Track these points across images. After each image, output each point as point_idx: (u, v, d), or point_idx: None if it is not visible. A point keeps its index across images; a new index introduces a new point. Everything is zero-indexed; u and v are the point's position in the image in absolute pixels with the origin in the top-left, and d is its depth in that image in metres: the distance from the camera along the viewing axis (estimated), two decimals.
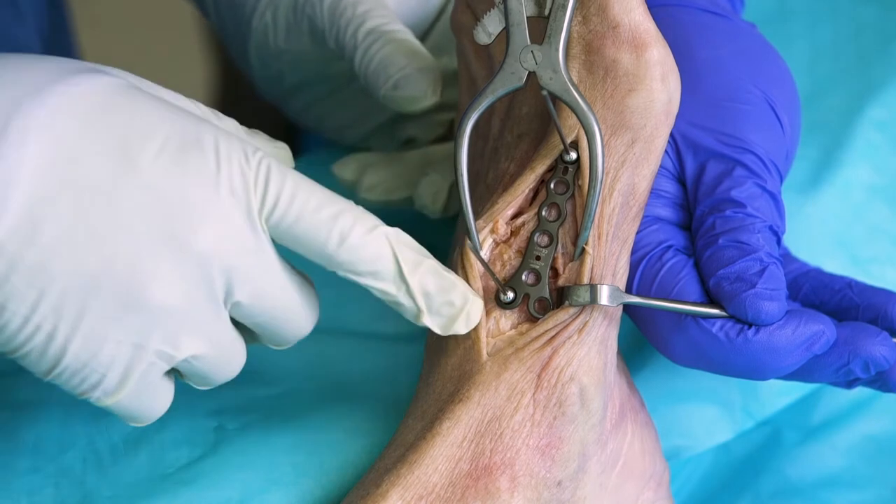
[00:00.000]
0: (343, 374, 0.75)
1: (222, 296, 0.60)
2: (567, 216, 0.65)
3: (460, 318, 0.63)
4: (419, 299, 0.62)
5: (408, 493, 0.64)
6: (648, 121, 0.64)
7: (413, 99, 0.76)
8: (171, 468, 0.70)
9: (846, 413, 0.79)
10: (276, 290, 0.61)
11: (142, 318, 0.59)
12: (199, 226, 0.58)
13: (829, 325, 0.65)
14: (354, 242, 0.60)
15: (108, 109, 0.58)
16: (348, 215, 0.60)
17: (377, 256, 0.61)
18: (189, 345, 0.60)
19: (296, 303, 0.62)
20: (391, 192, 0.79)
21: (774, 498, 0.78)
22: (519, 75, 0.64)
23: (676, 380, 0.76)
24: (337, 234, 0.60)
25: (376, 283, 0.61)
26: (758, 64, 0.68)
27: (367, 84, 0.76)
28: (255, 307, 0.61)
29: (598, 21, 0.64)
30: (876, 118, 0.84)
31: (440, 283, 0.62)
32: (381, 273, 0.61)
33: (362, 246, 0.60)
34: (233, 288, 0.60)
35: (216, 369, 0.62)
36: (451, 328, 0.63)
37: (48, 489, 0.69)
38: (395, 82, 0.76)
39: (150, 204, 0.58)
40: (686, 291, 0.65)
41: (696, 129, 0.67)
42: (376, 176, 0.79)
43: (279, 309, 0.61)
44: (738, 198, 0.65)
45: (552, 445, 0.64)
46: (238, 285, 0.60)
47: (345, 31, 0.77)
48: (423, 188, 0.78)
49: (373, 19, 0.77)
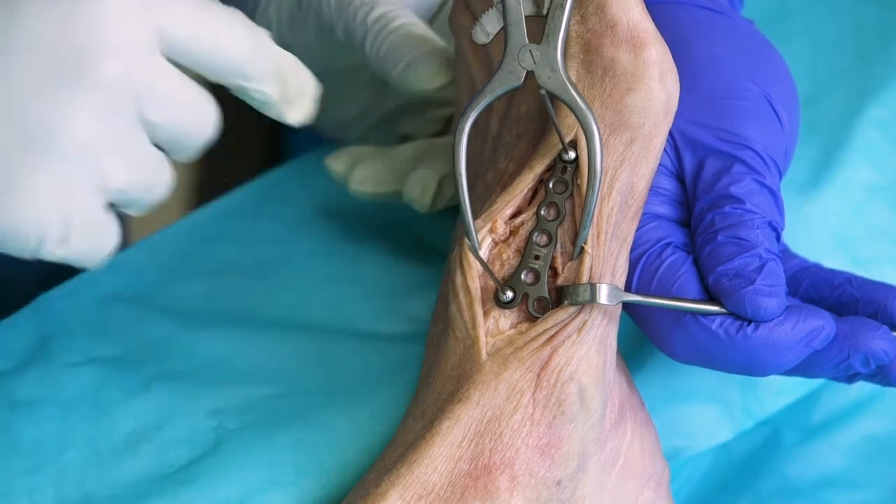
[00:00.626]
0: (343, 374, 0.75)
1: (136, 119, 0.60)
2: (566, 215, 0.65)
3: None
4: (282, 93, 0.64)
5: (407, 492, 0.64)
6: (647, 120, 0.64)
7: (425, 77, 0.76)
8: (171, 468, 0.70)
9: (846, 413, 0.79)
10: (183, 104, 0.61)
11: (65, 160, 0.58)
12: (99, 57, 0.58)
13: (829, 320, 0.65)
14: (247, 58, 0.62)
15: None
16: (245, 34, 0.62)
17: (263, 71, 0.63)
18: (118, 173, 0.60)
19: (202, 111, 0.62)
20: (382, 184, 0.79)
21: (774, 498, 0.78)
22: (517, 74, 0.64)
23: (676, 380, 0.76)
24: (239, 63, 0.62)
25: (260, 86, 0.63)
26: (756, 61, 0.68)
27: (379, 67, 0.77)
28: (167, 124, 0.61)
29: (596, 20, 0.64)
30: (876, 118, 0.84)
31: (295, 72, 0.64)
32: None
33: (252, 62, 0.62)
34: (144, 109, 0.60)
35: (148, 193, 0.62)
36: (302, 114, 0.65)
37: (48, 489, 0.69)
38: (408, 63, 0.76)
39: (45, 45, 0.58)
40: (685, 288, 0.65)
41: (694, 127, 0.67)
42: (367, 169, 0.79)
43: (188, 123, 0.61)
44: (736, 194, 0.65)
45: (552, 445, 0.64)
46: (148, 106, 0.60)
47: (353, 19, 0.78)
48: (412, 183, 0.78)
49: (381, 6, 0.77)
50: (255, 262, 0.81)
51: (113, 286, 0.78)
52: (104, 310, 0.77)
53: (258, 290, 0.79)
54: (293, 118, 0.64)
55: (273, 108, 0.64)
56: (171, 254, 0.81)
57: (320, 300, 0.79)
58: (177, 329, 0.76)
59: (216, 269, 0.80)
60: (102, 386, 0.72)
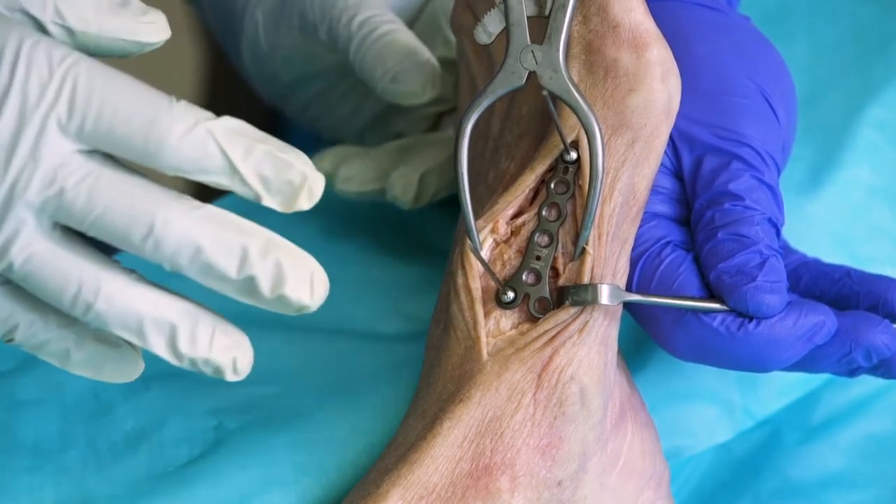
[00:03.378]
0: (343, 373, 0.75)
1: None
2: (567, 216, 0.65)
3: (302, 195, 0.59)
4: (255, 185, 0.59)
5: (408, 493, 0.64)
6: (649, 120, 0.64)
7: (411, 94, 0.76)
8: (171, 467, 0.70)
9: (847, 413, 0.79)
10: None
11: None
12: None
13: (830, 315, 0.65)
14: (173, 145, 0.57)
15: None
16: (164, 118, 0.57)
17: (201, 155, 0.58)
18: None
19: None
20: (367, 183, 0.79)
21: (774, 498, 0.78)
22: (519, 75, 0.64)
23: (676, 380, 0.76)
24: (154, 141, 0.57)
25: (207, 178, 0.58)
26: (753, 58, 0.68)
27: (364, 76, 0.77)
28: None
29: (598, 21, 0.64)
30: (876, 118, 0.84)
31: (276, 165, 0.59)
32: (208, 168, 0.58)
33: (182, 147, 0.57)
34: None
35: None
36: (294, 206, 0.60)
37: (48, 489, 0.69)
38: (394, 76, 0.76)
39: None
40: (686, 286, 0.65)
41: (692, 124, 0.67)
42: (352, 168, 0.80)
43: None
44: (735, 191, 0.65)
45: (552, 445, 0.64)
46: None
47: (337, 22, 0.77)
48: (393, 180, 0.78)
49: (365, 10, 0.77)
50: None
51: None
52: None
53: None
54: (274, 205, 0.60)
55: (247, 196, 0.60)
56: None
57: None
58: None
59: None
60: (102, 386, 0.72)
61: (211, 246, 0.58)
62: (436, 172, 0.78)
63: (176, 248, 0.58)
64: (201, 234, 0.58)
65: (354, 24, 0.77)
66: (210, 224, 0.58)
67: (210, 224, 0.58)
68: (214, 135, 0.58)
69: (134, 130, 0.57)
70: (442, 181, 0.79)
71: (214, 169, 0.58)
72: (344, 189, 0.80)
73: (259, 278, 0.59)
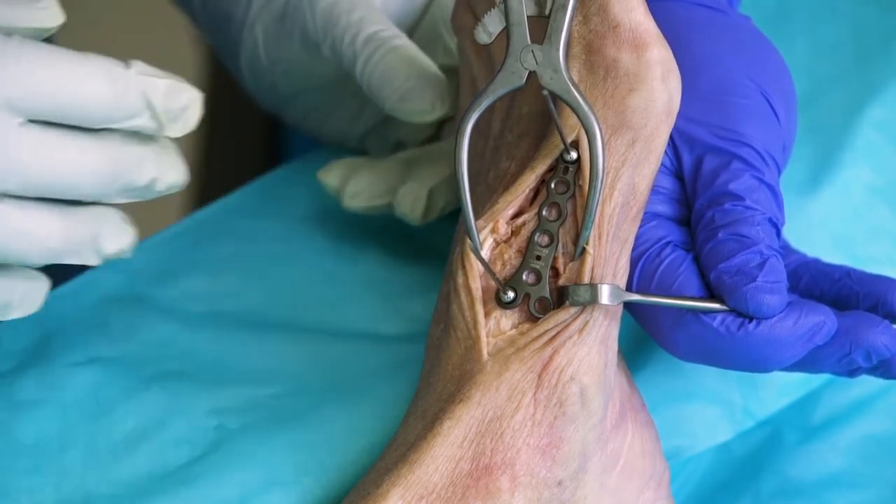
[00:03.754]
0: (343, 374, 0.75)
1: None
2: (567, 216, 0.65)
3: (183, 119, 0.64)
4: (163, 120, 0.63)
5: (408, 492, 0.64)
6: (649, 120, 0.64)
7: (421, 111, 0.75)
8: (172, 467, 0.70)
9: (847, 413, 0.79)
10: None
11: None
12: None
13: (830, 315, 0.65)
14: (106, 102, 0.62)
15: None
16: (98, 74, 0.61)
17: (131, 108, 0.62)
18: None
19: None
20: (374, 198, 0.79)
21: (775, 498, 0.78)
22: (519, 75, 0.64)
23: (677, 380, 0.76)
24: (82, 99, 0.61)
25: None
26: (753, 57, 0.68)
27: (372, 95, 0.76)
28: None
29: (598, 21, 0.64)
30: (876, 118, 0.84)
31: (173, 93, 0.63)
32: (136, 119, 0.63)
33: (116, 103, 0.62)
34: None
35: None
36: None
37: (48, 489, 0.69)
38: (402, 95, 0.75)
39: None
40: (686, 286, 0.65)
41: (692, 124, 0.67)
42: (359, 183, 0.79)
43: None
44: (736, 191, 0.65)
45: (553, 445, 0.65)
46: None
47: (341, 40, 0.77)
48: (401, 197, 0.78)
49: (370, 26, 0.76)
50: (256, 262, 0.81)
51: (113, 286, 0.78)
52: (104, 310, 0.77)
53: (258, 290, 0.79)
54: (175, 133, 0.64)
55: (155, 135, 0.64)
56: (172, 254, 0.81)
57: (321, 300, 0.79)
58: (177, 329, 0.76)
59: (217, 269, 0.80)
60: (102, 386, 0.72)
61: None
62: (444, 187, 0.78)
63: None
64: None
65: (359, 42, 0.76)
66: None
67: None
68: (142, 89, 0.62)
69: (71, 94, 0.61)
70: (450, 196, 0.78)
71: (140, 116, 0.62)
72: (352, 205, 0.79)
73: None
